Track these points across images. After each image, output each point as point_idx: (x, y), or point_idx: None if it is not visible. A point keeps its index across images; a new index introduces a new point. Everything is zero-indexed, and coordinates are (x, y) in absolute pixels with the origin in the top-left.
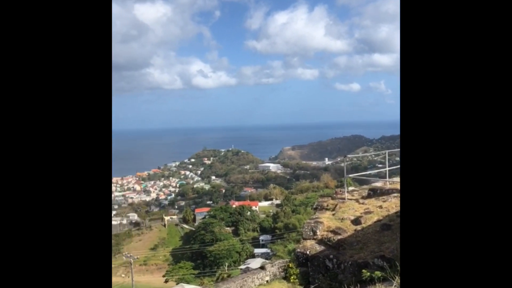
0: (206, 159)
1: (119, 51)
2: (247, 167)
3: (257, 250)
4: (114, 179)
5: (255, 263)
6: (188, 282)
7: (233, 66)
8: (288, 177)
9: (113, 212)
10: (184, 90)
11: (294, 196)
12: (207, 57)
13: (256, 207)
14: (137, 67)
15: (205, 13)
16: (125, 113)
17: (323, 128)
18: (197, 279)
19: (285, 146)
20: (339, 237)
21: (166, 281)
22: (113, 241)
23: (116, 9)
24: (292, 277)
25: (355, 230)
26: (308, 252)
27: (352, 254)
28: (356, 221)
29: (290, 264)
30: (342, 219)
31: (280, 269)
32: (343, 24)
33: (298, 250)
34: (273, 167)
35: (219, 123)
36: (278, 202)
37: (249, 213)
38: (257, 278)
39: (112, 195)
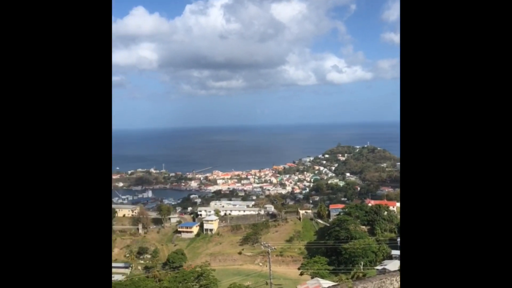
0: (340, 155)
1: (257, 50)
2: (384, 165)
3: (395, 252)
4: (252, 171)
5: (392, 264)
6: (322, 277)
7: (369, 60)
8: None
9: (252, 203)
10: (319, 86)
11: None
12: (342, 52)
13: (393, 207)
14: (273, 64)
15: (340, 7)
16: (263, 109)
17: None
18: (331, 275)
19: None
20: None
21: (301, 274)
22: (251, 230)
23: (254, 10)
24: None
25: None
26: None
27: None
28: None
29: None
30: None
31: None
32: None
33: None
34: None
35: (354, 119)
36: None
37: (386, 213)
38: (396, 280)
39: (251, 186)
